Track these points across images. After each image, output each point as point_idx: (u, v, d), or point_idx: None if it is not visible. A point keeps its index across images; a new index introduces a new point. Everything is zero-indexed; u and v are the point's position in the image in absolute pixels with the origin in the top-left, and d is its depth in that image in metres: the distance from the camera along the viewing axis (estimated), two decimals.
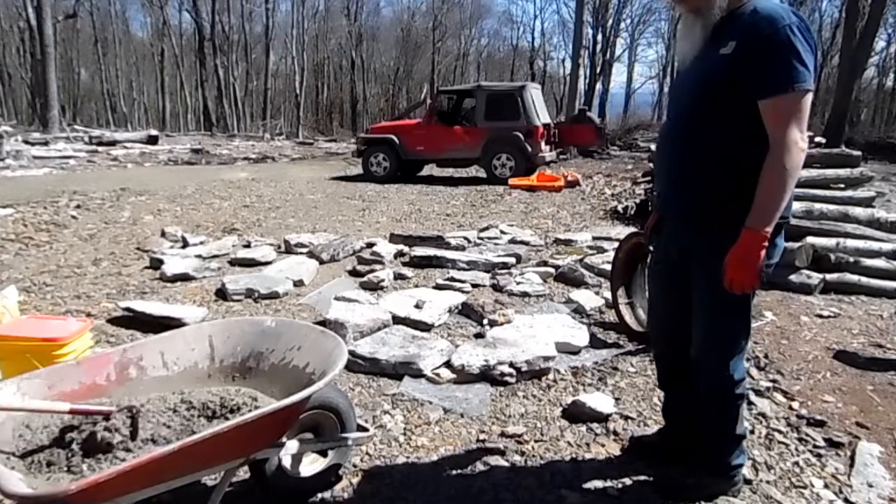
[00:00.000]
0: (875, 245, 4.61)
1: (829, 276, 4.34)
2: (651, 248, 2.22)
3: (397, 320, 3.43)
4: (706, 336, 1.85)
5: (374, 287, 4.22)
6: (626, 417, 2.48)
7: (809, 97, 1.58)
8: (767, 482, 2.07)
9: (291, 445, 1.80)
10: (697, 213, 1.79)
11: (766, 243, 1.63)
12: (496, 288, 4.24)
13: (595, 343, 3.27)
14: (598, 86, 31.67)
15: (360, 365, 2.91)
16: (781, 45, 1.56)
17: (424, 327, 3.40)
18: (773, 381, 2.89)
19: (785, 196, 1.61)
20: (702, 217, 1.78)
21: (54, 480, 1.41)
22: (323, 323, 3.25)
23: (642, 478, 2.08)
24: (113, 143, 15.84)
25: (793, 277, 4.32)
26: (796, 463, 2.21)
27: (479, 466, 2.15)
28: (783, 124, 1.57)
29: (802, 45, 1.57)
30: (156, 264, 4.72)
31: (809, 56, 1.57)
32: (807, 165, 5.19)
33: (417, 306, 3.60)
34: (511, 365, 2.83)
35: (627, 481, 2.06)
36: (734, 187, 1.69)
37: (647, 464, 2.13)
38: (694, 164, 1.76)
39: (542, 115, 11.05)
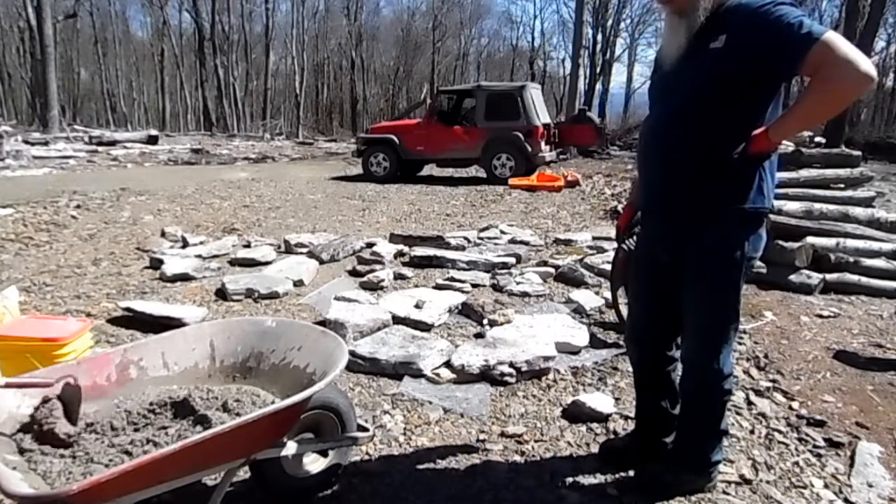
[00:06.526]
0: (875, 245, 4.61)
1: (829, 276, 4.34)
2: (625, 246, 2.19)
3: (397, 320, 3.43)
4: (697, 332, 1.88)
5: (374, 287, 4.22)
6: (626, 417, 2.48)
7: (834, 34, 1.52)
8: (767, 482, 2.07)
9: (292, 446, 1.80)
10: (690, 210, 1.80)
11: (766, 149, 1.70)
12: (496, 288, 4.24)
13: (595, 343, 3.27)
14: (598, 86, 31.65)
15: (360, 365, 2.91)
16: (777, 14, 1.55)
17: (424, 327, 3.40)
18: (773, 381, 2.89)
19: (813, 118, 1.69)
20: (695, 214, 1.79)
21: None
22: (323, 323, 3.25)
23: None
24: (113, 143, 15.84)
25: (793, 277, 4.31)
26: (796, 463, 2.21)
27: (479, 466, 2.15)
28: (833, 62, 1.50)
29: (791, 7, 1.57)
30: (156, 264, 4.72)
31: (802, 12, 1.57)
32: (807, 165, 5.20)
33: (417, 306, 3.60)
34: (511, 365, 2.83)
35: (628, 481, 2.06)
36: (726, 183, 1.73)
37: (616, 468, 2.12)
38: (688, 162, 1.75)
39: (542, 115, 11.04)
